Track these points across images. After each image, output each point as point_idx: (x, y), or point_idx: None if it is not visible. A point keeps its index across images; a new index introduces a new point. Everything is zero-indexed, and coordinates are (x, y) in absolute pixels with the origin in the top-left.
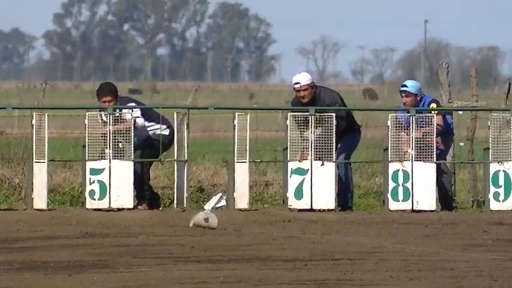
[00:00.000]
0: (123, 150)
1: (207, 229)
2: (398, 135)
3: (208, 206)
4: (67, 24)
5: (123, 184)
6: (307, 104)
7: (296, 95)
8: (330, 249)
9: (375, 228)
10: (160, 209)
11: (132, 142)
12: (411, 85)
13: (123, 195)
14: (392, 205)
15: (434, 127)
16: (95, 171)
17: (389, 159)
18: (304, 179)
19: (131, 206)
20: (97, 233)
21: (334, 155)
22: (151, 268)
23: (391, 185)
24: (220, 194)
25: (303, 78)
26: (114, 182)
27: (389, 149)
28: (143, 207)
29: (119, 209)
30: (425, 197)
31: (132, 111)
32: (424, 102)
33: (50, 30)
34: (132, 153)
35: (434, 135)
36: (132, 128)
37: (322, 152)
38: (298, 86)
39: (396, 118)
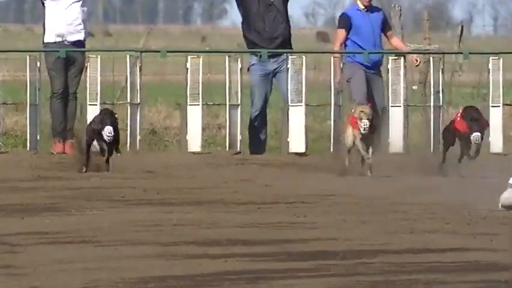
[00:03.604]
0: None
1: None
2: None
3: None
4: None
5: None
6: None
7: None
8: (282, 193)
9: (328, 172)
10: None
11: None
12: None
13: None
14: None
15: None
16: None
17: (341, 103)
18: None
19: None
20: (49, 176)
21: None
22: (104, 211)
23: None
24: None
25: None
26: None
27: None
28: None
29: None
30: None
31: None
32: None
33: None
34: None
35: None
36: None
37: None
38: None
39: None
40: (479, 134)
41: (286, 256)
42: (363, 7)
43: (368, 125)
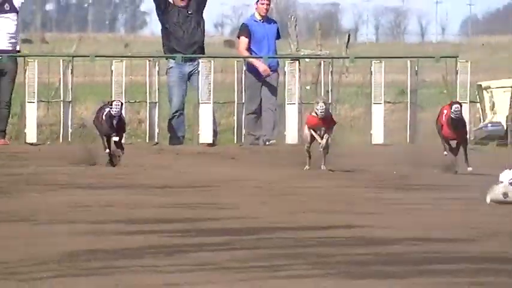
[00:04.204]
0: None
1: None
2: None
3: (503, 178)
4: None
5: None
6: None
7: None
8: (195, 178)
9: (233, 160)
10: (49, 143)
11: None
12: None
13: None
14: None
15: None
16: None
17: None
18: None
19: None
20: None
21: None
22: (41, 194)
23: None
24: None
25: None
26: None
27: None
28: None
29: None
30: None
31: None
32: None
33: None
34: None
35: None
36: None
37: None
38: None
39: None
40: (458, 105)
41: (198, 232)
42: (260, 18)
43: (324, 108)
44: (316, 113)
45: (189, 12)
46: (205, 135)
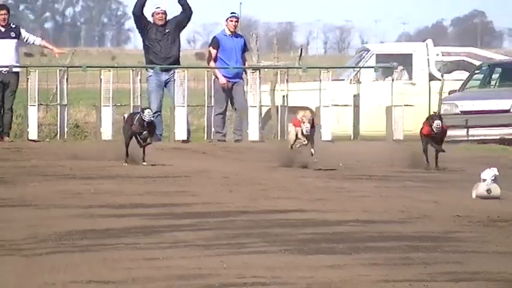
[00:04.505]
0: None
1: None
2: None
3: (485, 176)
4: None
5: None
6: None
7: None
8: (171, 170)
9: (204, 155)
10: (48, 140)
11: None
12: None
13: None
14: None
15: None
16: None
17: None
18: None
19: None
20: None
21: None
22: (40, 183)
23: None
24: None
25: None
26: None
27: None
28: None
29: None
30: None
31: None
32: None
33: None
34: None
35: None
36: None
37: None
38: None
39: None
40: (439, 121)
41: (173, 215)
42: (229, 33)
43: (309, 127)
44: (301, 128)
45: (167, 31)
46: (180, 133)
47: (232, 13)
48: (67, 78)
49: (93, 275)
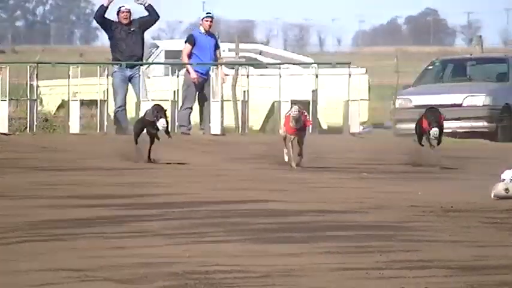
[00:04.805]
0: None
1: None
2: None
3: (504, 176)
4: None
5: None
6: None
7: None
8: (139, 163)
9: (169, 147)
10: (18, 133)
11: None
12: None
13: None
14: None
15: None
16: None
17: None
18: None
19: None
20: None
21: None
22: (13, 175)
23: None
24: None
25: None
26: None
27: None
28: None
29: None
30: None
31: None
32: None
33: None
34: None
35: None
36: None
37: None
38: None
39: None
40: (437, 129)
41: (139, 206)
42: (204, 31)
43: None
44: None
45: (132, 29)
46: None
47: (207, 13)
48: (37, 74)
49: (63, 263)
